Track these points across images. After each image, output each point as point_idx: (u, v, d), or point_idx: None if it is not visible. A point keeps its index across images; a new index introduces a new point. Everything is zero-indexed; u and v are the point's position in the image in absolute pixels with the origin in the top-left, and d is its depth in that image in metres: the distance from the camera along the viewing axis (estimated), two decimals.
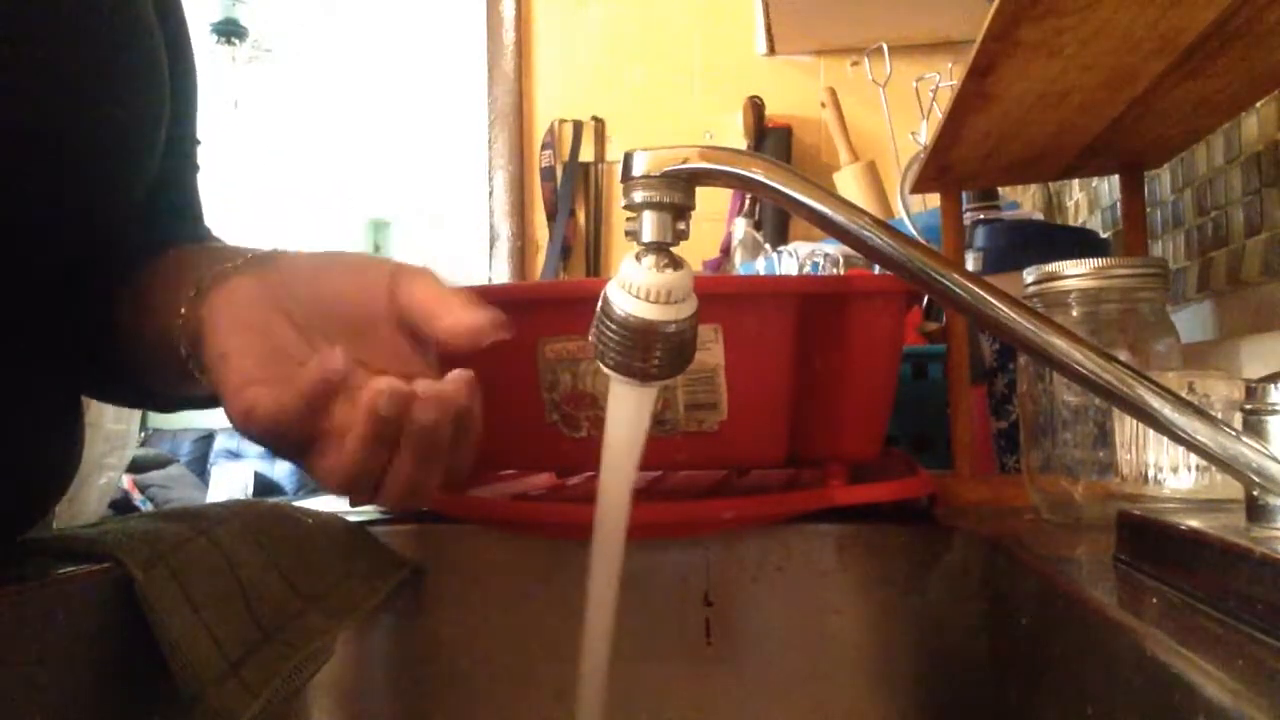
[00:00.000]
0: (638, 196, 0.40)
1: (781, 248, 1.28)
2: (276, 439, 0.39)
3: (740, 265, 1.49)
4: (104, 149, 0.47)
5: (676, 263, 0.41)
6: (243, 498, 3.14)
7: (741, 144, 1.97)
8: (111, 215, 0.50)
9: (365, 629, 0.66)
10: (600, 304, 0.41)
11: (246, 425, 0.39)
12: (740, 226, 1.72)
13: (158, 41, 0.51)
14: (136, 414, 1.57)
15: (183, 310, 0.43)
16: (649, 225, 0.40)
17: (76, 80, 0.45)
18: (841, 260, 1.13)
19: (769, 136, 1.99)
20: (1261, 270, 0.74)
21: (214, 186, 0.62)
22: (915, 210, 1.25)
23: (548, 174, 2.13)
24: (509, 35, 2.16)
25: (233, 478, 3.80)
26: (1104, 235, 1.07)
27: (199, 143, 0.61)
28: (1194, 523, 0.39)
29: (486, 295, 0.44)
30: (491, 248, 2.17)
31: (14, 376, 0.48)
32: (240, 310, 0.41)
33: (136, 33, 0.49)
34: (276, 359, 0.40)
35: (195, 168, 0.61)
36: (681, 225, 0.41)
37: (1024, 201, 1.41)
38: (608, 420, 0.43)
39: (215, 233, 0.62)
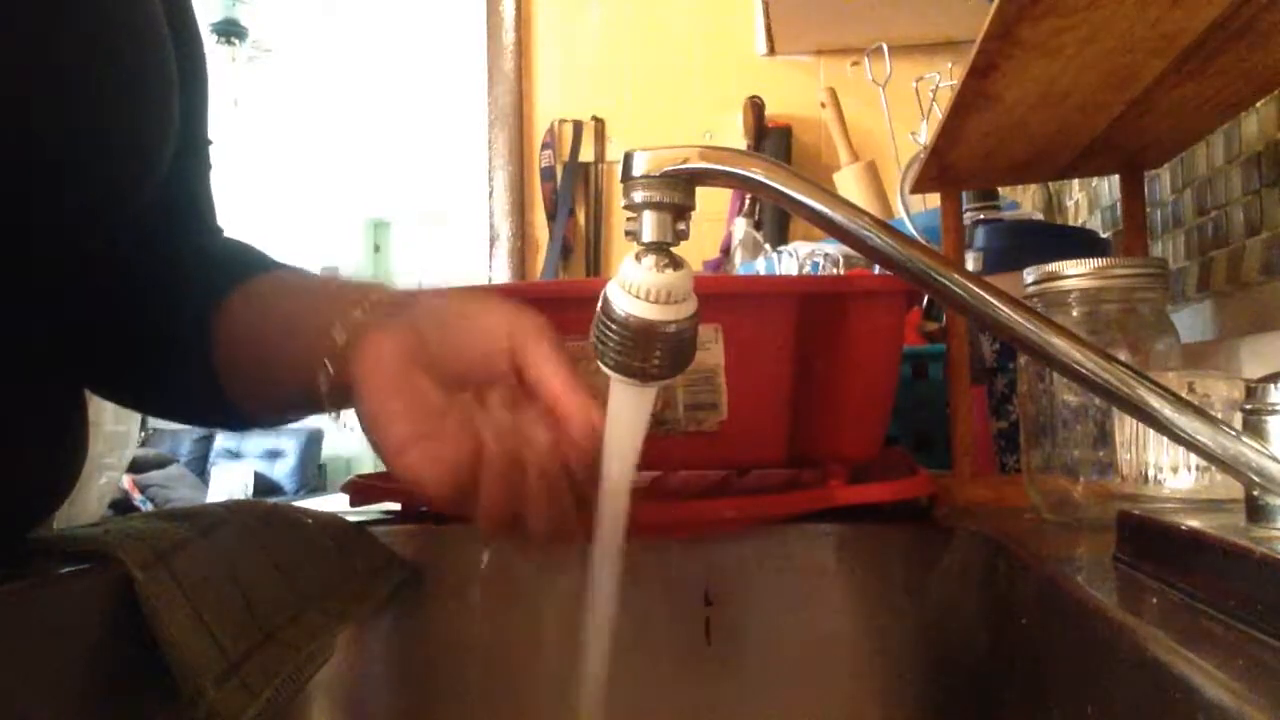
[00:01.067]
0: (638, 196, 0.40)
1: (781, 248, 1.28)
2: (439, 492, 0.44)
3: (740, 265, 1.49)
4: (112, 151, 0.47)
5: (676, 263, 0.41)
6: (243, 498, 3.14)
7: (741, 144, 1.97)
8: (119, 216, 0.50)
9: (365, 629, 0.66)
10: (600, 304, 0.41)
11: (415, 484, 0.44)
12: (740, 226, 1.72)
13: (166, 43, 0.51)
14: (137, 414, 1.56)
15: (329, 366, 0.48)
16: (649, 225, 0.40)
17: (85, 82, 0.45)
18: (841, 260, 1.13)
19: (769, 136, 1.99)
20: (1261, 270, 0.74)
21: (214, 186, 0.63)
22: (915, 210, 1.25)
23: (548, 174, 2.13)
24: (509, 35, 2.16)
25: (233, 478, 3.81)
26: (1104, 235, 1.07)
27: (210, 142, 0.61)
28: (1194, 523, 0.39)
29: None
30: (491, 248, 2.17)
31: (18, 377, 0.48)
32: (388, 373, 0.45)
33: (145, 35, 0.49)
34: (426, 414, 0.44)
35: (207, 167, 0.61)
36: (681, 225, 0.41)
37: (1024, 201, 1.41)
38: (608, 420, 0.43)
39: (226, 232, 0.63)
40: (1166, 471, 0.49)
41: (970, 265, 0.97)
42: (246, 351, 0.54)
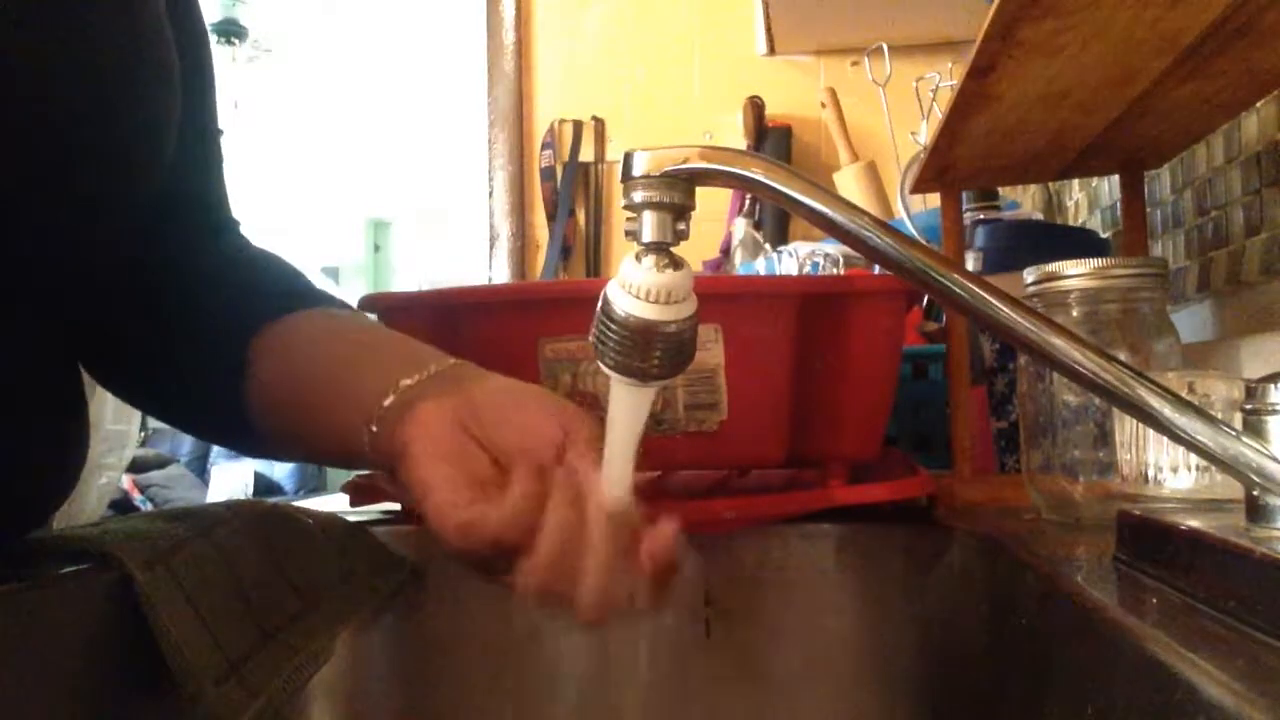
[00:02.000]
0: (638, 196, 0.40)
1: (781, 248, 1.29)
2: (486, 551, 0.43)
3: (740, 265, 1.49)
4: (113, 145, 0.47)
5: (676, 263, 0.41)
6: (243, 498, 3.13)
7: (741, 144, 1.97)
8: (123, 211, 0.50)
9: (365, 629, 0.66)
10: (600, 304, 0.41)
11: (463, 543, 0.42)
12: (740, 226, 1.72)
13: (167, 37, 0.51)
14: (136, 414, 1.57)
15: (374, 428, 0.47)
16: (649, 225, 0.40)
17: (85, 76, 0.45)
18: (841, 260, 1.13)
19: (769, 136, 1.99)
20: (1261, 270, 0.74)
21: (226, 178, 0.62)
22: (915, 210, 1.25)
23: (548, 174, 2.13)
24: (509, 35, 2.16)
25: (233, 478, 3.80)
26: (1104, 235, 1.07)
27: (221, 133, 0.61)
28: (1194, 523, 0.39)
29: (487, 295, 0.44)
30: (491, 248, 2.17)
31: (19, 376, 0.48)
32: (439, 441, 0.44)
33: (144, 28, 0.49)
34: (474, 484, 0.43)
35: (217, 159, 0.61)
36: (681, 225, 0.41)
37: (1024, 201, 1.41)
38: (608, 420, 0.43)
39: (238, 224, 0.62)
40: (1166, 471, 0.49)
41: (970, 265, 0.97)
42: (286, 390, 0.53)
